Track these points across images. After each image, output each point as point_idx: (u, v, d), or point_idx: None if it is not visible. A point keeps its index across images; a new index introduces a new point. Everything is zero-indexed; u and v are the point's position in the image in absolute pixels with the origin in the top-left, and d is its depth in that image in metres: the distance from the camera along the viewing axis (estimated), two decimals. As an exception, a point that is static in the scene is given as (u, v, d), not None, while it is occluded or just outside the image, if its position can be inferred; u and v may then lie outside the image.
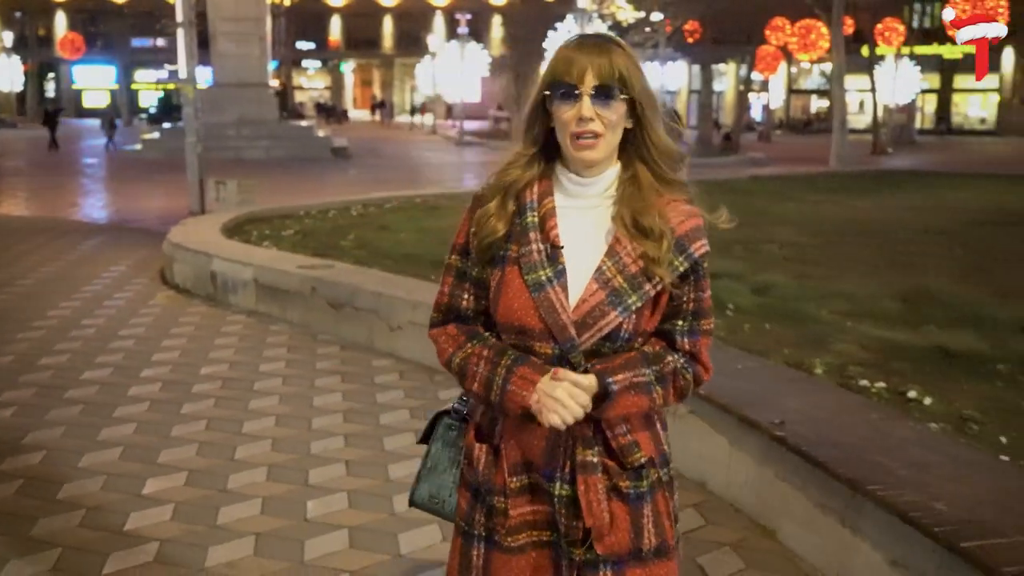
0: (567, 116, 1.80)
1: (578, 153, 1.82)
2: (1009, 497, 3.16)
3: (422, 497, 2.11)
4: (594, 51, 1.80)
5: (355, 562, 3.60)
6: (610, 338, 1.82)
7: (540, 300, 1.80)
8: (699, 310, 1.90)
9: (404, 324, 6.47)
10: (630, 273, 1.81)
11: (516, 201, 1.87)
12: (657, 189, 1.86)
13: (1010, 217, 10.53)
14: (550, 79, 1.82)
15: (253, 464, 4.57)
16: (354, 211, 12.20)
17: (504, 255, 1.85)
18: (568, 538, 1.84)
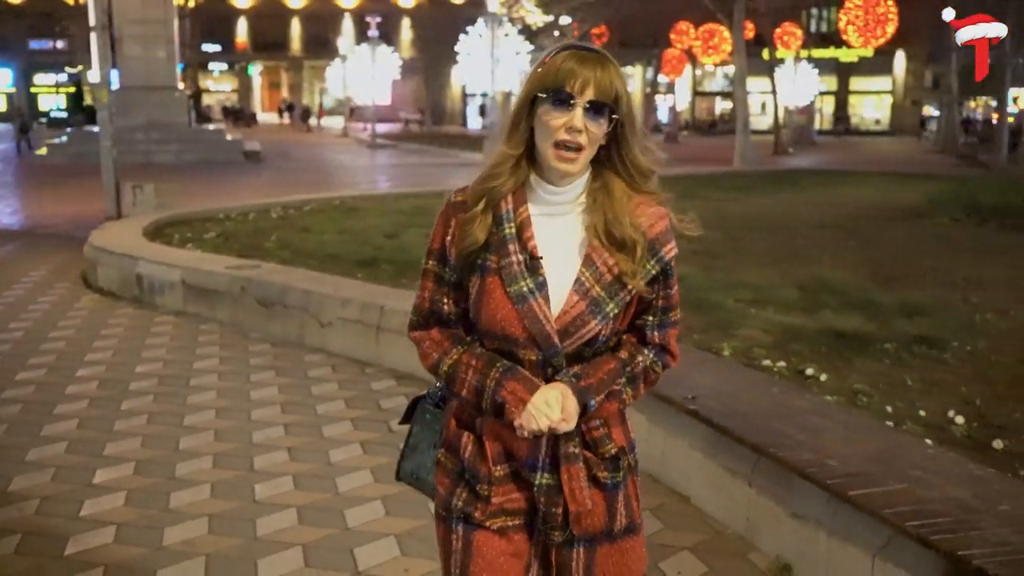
0: (557, 123, 1.81)
1: (559, 165, 1.84)
2: (890, 455, 3.59)
3: (406, 474, 2.20)
4: (596, 65, 1.82)
5: (305, 536, 3.86)
6: (589, 343, 1.89)
7: (524, 311, 1.84)
8: (668, 305, 1.97)
9: (334, 320, 6.71)
10: (606, 282, 1.86)
11: (493, 211, 1.88)
12: (628, 195, 1.90)
13: (898, 212, 11.25)
14: (550, 83, 1.82)
15: (198, 454, 4.78)
16: (274, 213, 12.31)
17: (484, 264, 1.88)
18: (548, 523, 1.93)
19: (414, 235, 9.80)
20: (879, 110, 57.28)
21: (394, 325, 6.29)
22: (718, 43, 36.16)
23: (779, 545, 3.65)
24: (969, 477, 3.36)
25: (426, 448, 2.14)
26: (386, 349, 6.35)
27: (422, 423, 2.16)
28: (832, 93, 55.57)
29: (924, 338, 5.36)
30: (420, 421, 2.17)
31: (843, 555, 3.28)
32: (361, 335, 6.52)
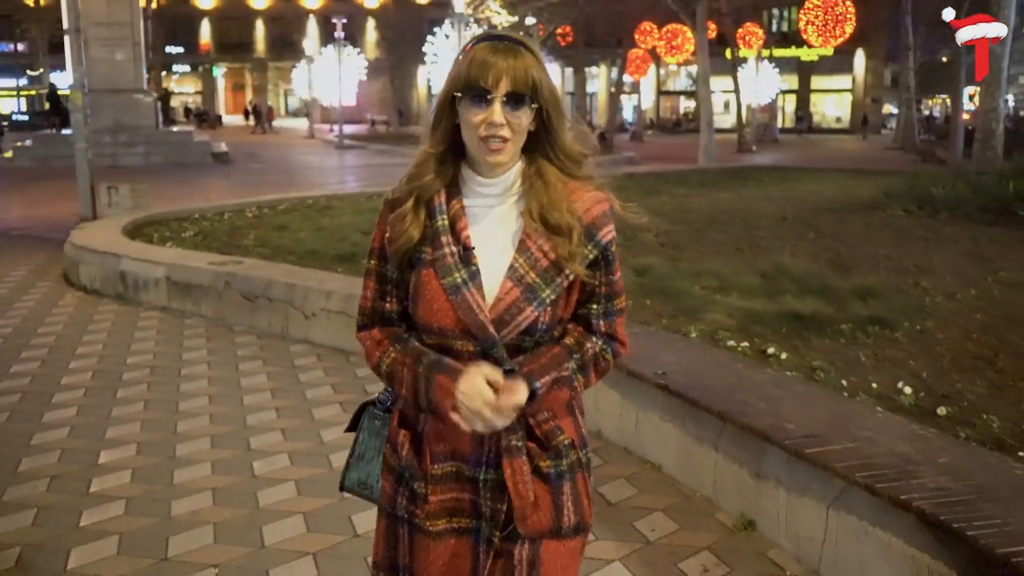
0: (476, 120, 1.80)
1: (486, 157, 1.83)
2: (843, 419, 3.93)
3: (352, 483, 2.16)
4: (509, 55, 1.79)
5: (304, 506, 4.14)
6: (528, 332, 1.85)
7: (458, 302, 1.82)
8: (612, 292, 1.94)
9: (318, 312, 6.98)
10: (542, 268, 1.84)
11: (426, 205, 1.89)
12: (563, 180, 1.89)
13: (855, 205, 11.68)
14: (464, 81, 1.80)
15: (196, 436, 5.04)
16: (249, 213, 12.50)
17: (420, 258, 1.87)
18: (492, 521, 1.89)
19: (390, 231, 10.05)
20: (840, 108, 58.16)
21: (376, 315, 6.56)
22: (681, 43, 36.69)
23: (743, 504, 3.98)
24: (912, 436, 3.72)
25: (374, 455, 2.10)
26: (369, 338, 6.61)
27: (370, 430, 2.12)
28: (794, 91, 56.37)
29: (877, 319, 5.73)
30: (368, 428, 2.13)
31: (800, 508, 3.62)
32: (345, 326, 6.79)
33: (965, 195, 10.75)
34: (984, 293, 6.57)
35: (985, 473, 3.35)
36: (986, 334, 5.48)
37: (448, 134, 1.87)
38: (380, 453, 2.07)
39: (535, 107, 1.82)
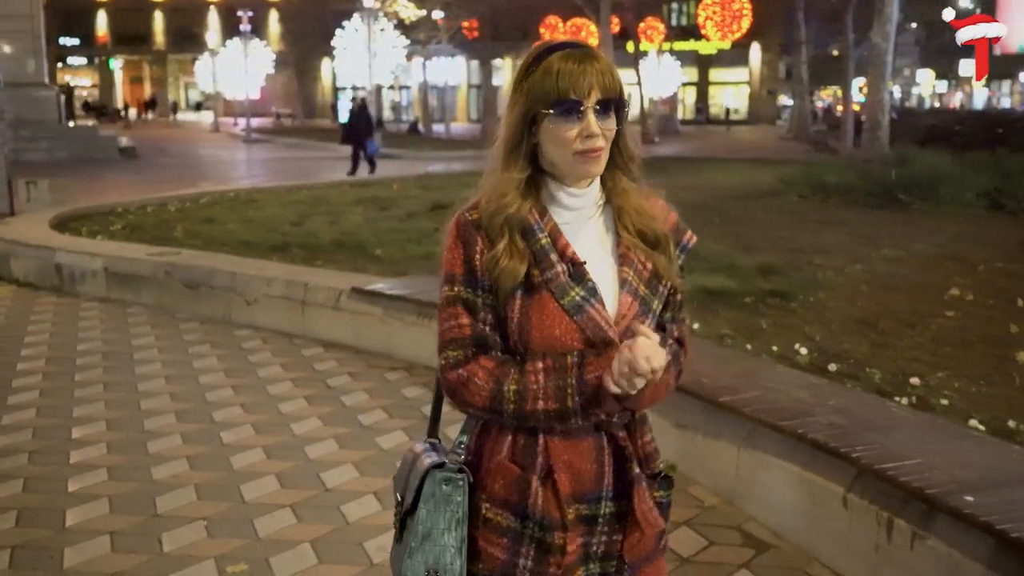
0: (570, 134, 1.73)
1: (585, 169, 1.77)
2: (750, 373, 4.55)
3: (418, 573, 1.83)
4: (592, 62, 1.74)
5: (275, 468, 4.57)
6: None
7: (583, 322, 1.74)
8: (683, 302, 1.92)
9: (260, 298, 7.35)
10: (646, 279, 1.81)
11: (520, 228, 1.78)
12: (637, 190, 1.85)
13: (756, 192, 12.50)
14: (553, 95, 1.73)
15: (161, 412, 5.40)
16: (172, 207, 12.68)
17: (525, 282, 1.76)
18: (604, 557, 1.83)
19: (319, 222, 10.44)
20: (738, 100, 59.96)
21: (318, 299, 7.00)
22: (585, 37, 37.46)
23: (666, 453, 4.54)
24: (808, 385, 4.36)
25: (444, 530, 1.81)
26: (311, 322, 7.04)
27: (436, 498, 1.82)
28: (694, 84, 57.92)
29: (776, 292, 6.41)
30: (434, 497, 1.83)
31: (716, 449, 4.22)
32: (287, 310, 7.19)
33: (854, 182, 11.65)
34: (868, 267, 7.34)
35: (867, 411, 4.00)
36: (869, 302, 6.21)
37: (529, 156, 1.79)
38: (453, 524, 1.81)
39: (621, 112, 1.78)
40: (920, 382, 4.62)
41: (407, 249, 8.68)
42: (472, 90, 57.19)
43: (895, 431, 3.76)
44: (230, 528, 3.93)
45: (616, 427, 1.81)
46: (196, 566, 3.61)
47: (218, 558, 3.66)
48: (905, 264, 7.49)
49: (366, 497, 4.23)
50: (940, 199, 10.38)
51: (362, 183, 15.75)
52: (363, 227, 10.08)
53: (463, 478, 1.82)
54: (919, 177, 10.85)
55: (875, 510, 3.36)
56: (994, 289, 6.50)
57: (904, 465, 3.39)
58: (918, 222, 9.61)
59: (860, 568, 3.47)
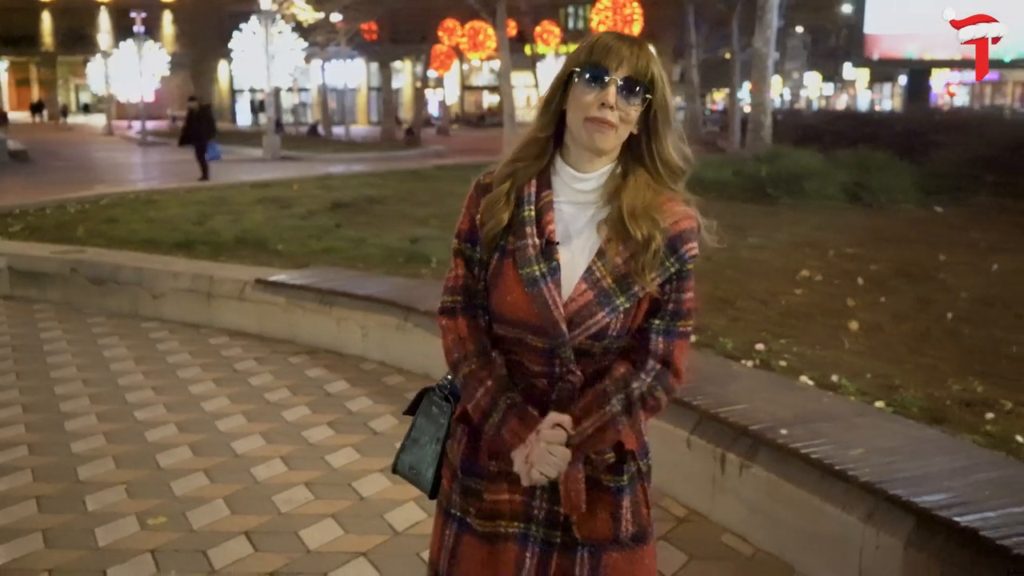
0: (589, 99, 1.78)
1: (591, 136, 1.80)
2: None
3: (403, 467, 2.13)
4: (633, 45, 1.81)
5: (187, 439, 4.97)
6: (597, 336, 1.82)
7: (534, 295, 1.79)
8: (678, 311, 1.89)
9: (167, 292, 7.68)
10: (620, 274, 1.80)
11: (517, 192, 1.87)
12: (654, 189, 1.85)
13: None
14: (584, 60, 1.81)
15: (75, 396, 5.73)
16: (71, 208, 12.73)
17: (503, 245, 1.86)
18: (547, 523, 1.89)
19: (221, 221, 10.72)
20: (634, 102, 61.26)
21: (224, 291, 7.37)
22: (483, 40, 38.05)
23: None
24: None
25: (428, 441, 2.07)
26: (217, 313, 7.41)
27: (427, 415, 2.10)
28: (590, 86, 59.01)
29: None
30: (426, 413, 2.11)
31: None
32: (193, 303, 7.53)
33: (729, 178, 12.49)
34: (734, 255, 8.06)
35: (712, 370, 4.64)
36: (731, 284, 6.90)
37: (556, 118, 1.86)
38: (435, 440, 2.06)
39: (647, 100, 1.81)
40: (764, 348, 5.28)
41: (308, 244, 9.07)
42: (372, 92, 57.27)
43: (732, 384, 4.40)
44: (148, 490, 4.34)
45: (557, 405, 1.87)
46: (119, 521, 4.01)
47: (139, 514, 4.07)
48: (766, 251, 8.25)
49: (273, 461, 4.68)
50: (805, 193, 11.26)
51: (263, 184, 15.95)
52: (264, 225, 10.41)
53: (448, 406, 2.05)
54: (787, 173, 11.74)
55: (712, 448, 3.98)
56: (840, 270, 7.27)
57: (735, 409, 4.02)
58: (783, 214, 10.46)
59: (702, 498, 4.08)
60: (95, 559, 3.68)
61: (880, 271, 7.19)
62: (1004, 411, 4.27)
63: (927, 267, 7.26)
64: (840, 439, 3.65)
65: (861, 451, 3.52)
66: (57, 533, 3.90)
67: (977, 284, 6.68)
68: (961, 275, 6.96)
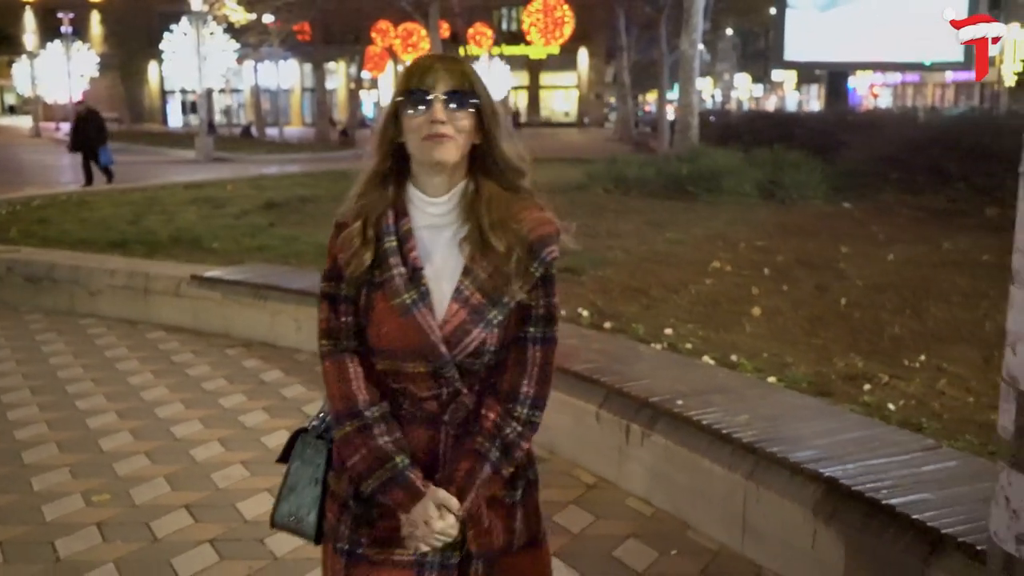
0: (418, 121, 1.82)
1: (430, 152, 1.83)
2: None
3: (282, 517, 2.10)
4: (448, 62, 1.86)
5: (127, 425, 5.22)
6: (477, 354, 1.85)
7: (408, 323, 1.82)
8: (549, 315, 1.92)
9: (103, 288, 7.86)
10: (488, 289, 1.83)
11: (375, 226, 1.88)
12: (508, 199, 1.88)
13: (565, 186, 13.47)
14: (403, 86, 1.85)
15: (16, 388, 5.93)
16: (2, 210, 12.70)
17: (370, 280, 1.87)
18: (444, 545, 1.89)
19: (155, 221, 10.87)
20: (567, 103, 62.04)
21: (160, 288, 7.59)
22: (416, 41, 38.27)
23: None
24: (579, 334, 5.37)
25: (306, 484, 2.05)
26: (154, 308, 7.62)
27: (303, 459, 2.08)
28: (525, 88, 59.60)
29: (569, 268, 7.39)
30: (300, 457, 2.08)
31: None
32: (129, 299, 7.73)
33: (651, 176, 12.98)
34: (652, 248, 8.50)
35: (621, 352, 5.04)
36: (646, 275, 7.31)
37: (393, 150, 1.90)
38: (313, 482, 2.05)
39: (475, 106, 1.85)
40: (673, 332, 5.69)
41: (242, 242, 9.28)
42: (306, 93, 57.04)
43: (638, 364, 4.80)
44: (92, 471, 4.59)
45: (450, 424, 1.90)
46: (64, 499, 4.26)
47: (84, 492, 4.33)
48: (682, 245, 8.70)
49: (211, 443, 4.96)
50: (723, 190, 11.78)
51: (197, 184, 16.03)
52: (198, 224, 10.58)
53: (324, 444, 2.04)
54: (706, 171, 12.26)
55: (618, 420, 4.37)
56: (748, 261, 7.74)
57: (639, 384, 4.41)
58: (700, 210, 10.94)
59: (609, 466, 4.46)
60: (43, 532, 3.93)
61: (785, 262, 7.67)
62: (881, 384, 4.72)
63: (829, 258, 7.77)
64: (729, 408, 4.06)
65: (746, 417, 3.93)
66: (5, 512, 4.14)
67: (872, 273, 7.19)
68: (859, 265, 7.48)
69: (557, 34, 31.15)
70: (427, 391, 1.87)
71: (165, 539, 3.87)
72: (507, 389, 1.89)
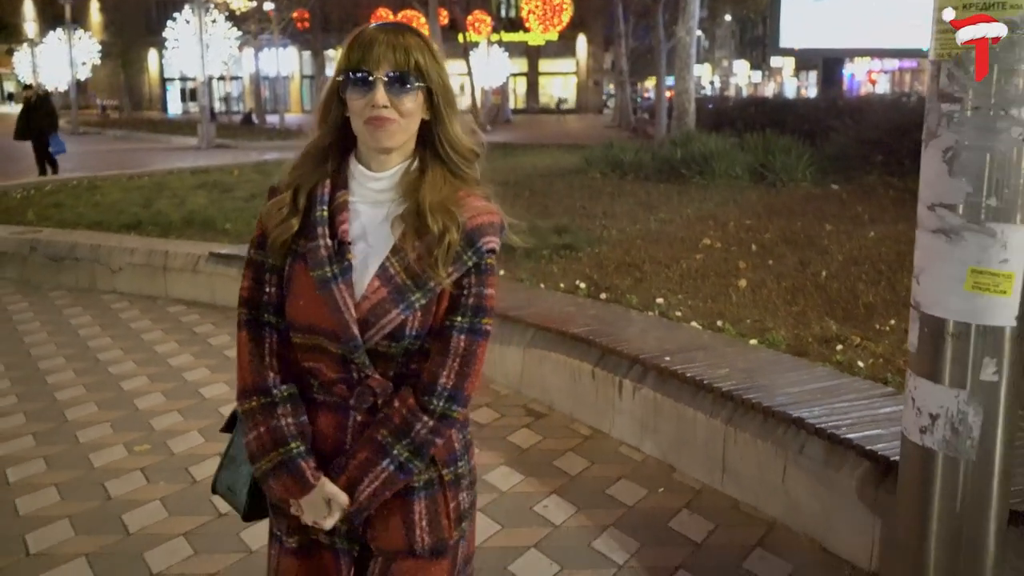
0: (361, 103, 1.74)
1: (372, 136, 1.76)
2: (534, 299, 5.93)
3: (221, 486, 2.06)
4: (393, 37, 1.75)
5: (156, 388, 5.65)
6: (394, 337, 1.76)
7: (325, 298, 1.75)
8: (480, 305, 1.80)
9: (124, 266, 8.28)
10: (415, 271, 1.75)
11: (308, 196, 1.81)
12: (452, 184, 1.81)
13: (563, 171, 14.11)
14: (344, 65, 1.76)
15: (51, 356, 6.36)
16: (16, 194, 13.11)
17: (295, 249, 1.80)
18: (348, 536, 1.87)
19: (166, 204, 11.28)
20: (566, 90, 62.32)
21: (177, 265, 8.01)
22: (416, 29, 38.59)
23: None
24: (575, 303, 5.80)
25: (244, 460, 1.96)
26: (172, 284, 8.04)
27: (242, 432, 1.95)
28: (524, 74, 59.89)
29: (567, 246, 7.85)
30: (240, 431, 1.98)
31: (506, 352, 5.56)
32: (149, 275, 8.15)
33: (646, 160, 13.40)
34: (645, 227, 8.91)
35: (614, 318, 5.46)
36: (639, 252, 7.73)
37: (337, 126, 1.83)
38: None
39: (421, 87, 1.76)
40: (663, 302, 6.10)
41: (253, 224, 9.59)
42: (305, 80, 57.38)
43: (629, 327, 5.23)
44: (130, 425, 5.02)
45: (357, 408, 1.82)
46: (108, 449, 4.69)
47: (125, 443, 4.76)
48: (674, 224, 9.11)
49: (237, 402, 5.38)
50: (714, 173, 12.19)
51: (202, 170, 16.43)
52: (209, 207, 10.98)
53: None
54: (698, 155, 12.66)
55: (611, 376, 4.79)
56: (737, 239, 8.15)
57: (629, 343, 4.85)
58: (692, 192, 11.35)
59: (604, 420, 4.89)
60: (93, 476, 4.37)
61: (771, 239, 8.09)
62: (853, 345, 5.14)
63: (813, 235, 8.18)
64: (711, 363, 4.49)
65: (726, 371, 4.37)
66: (56, 460, 4.58)
67: (853, 248, 7.60)
68: (840, 242, 7.89)
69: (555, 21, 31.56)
70: (336, 373, 1.81)
71: (202, 481, 4.29)
72: (425, 380, 1.80)
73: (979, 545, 2.07)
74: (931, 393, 2.09)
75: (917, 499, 2.12)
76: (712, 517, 3.93)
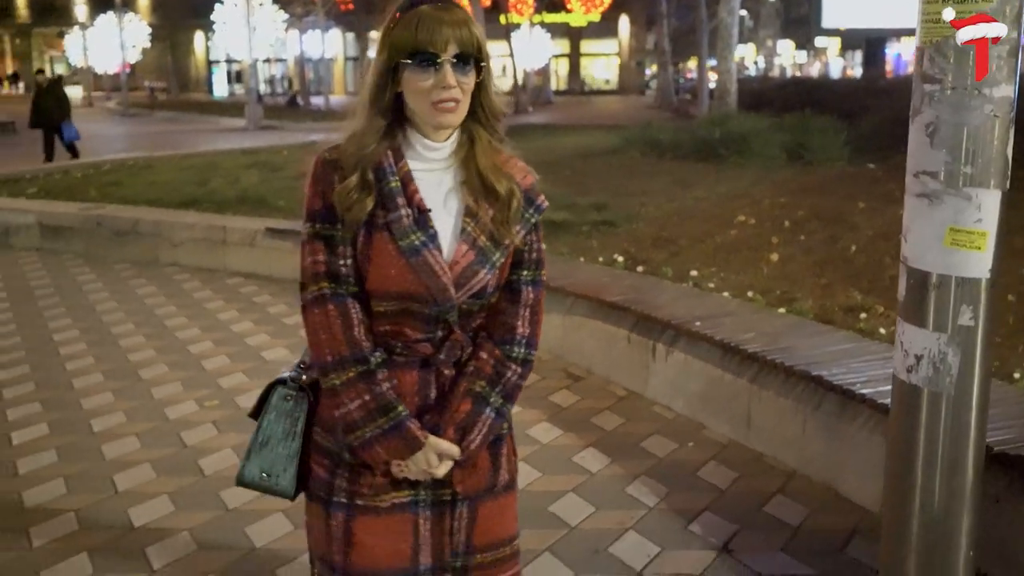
0: (427, 84, 1.79)
1: (441, 118, 1.83)
2: (572, 270, 6.27)
3: (252, 475, 2.05)
4: (453, 18, 1.81)
5: (220, 351, 6.07)
6: (478, 295, 1.87)
7: (418, 264, 1.81)
8: (540, 259, 1.96)
9: (184, 240, 8.74)
10: (490, 232, 1.86)
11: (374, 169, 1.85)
12: (495, 148, 1.91)
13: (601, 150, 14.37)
14: (411, 47, 1.79)
15: (120, 323, 6.82)
16: (77, 173, 13.67)
17: (370, 220, 1.84)
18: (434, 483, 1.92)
19: (219, 183, 11.74)
20: (608, 71, 62.20)
21: (235, 239, 8.44)
22: (457, 10, 38.80)
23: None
24: (611, 274, 6.14)
25: (281, 439, 2.00)
26: (230, 258, 8.48)
27: (278, 411, 2.03)
28: (566, 55, 59.89)
29: (605, 222, 8.17)
30: (276, 409, 2.04)
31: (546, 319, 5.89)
32: (208, 249, 8.60)
33: (683, 139, 13.65)
34: (681, 205, 9.20)
35: (648, 287, 5.78)
36: (674, 227, 8.03)
37: (392, 104, 1.86)
38: (290, 436, 2.01)
39: (481, 67, 1.85)
40: (697, 274, 6.40)
41: (305, 201, 10.07)
42: (349, 62, 57.87)
43: (662, 295, 5.55)
44: (199, 383, 5.45)
45: (444, 364, 1.92)
46: (180, 404, 5.12)
47: (196, 399, 5.19)
48: (708, 201, 9.39)
49: (296, 364, 5.79)
50: (751, 152, 12.38)
51: (252, 151, 16.90)
52: (261, 185, 11.41)
53: (303, 396, 2.02)
54: (735, 135, 12.88)
55: (645, 340, 5.13)
56: (770, 216, 8.41)
57: (662, 309, 5.17)
58: (728, 171, 11.59)
59: (638, 381, 5.22)
60: (167, 427, 4.79)
61: (804, 216, 8.33)
62: (877, 314, 5.42)
63: (844, 212, 8.41)
64: (738, 327, 4.80)
65: (752, 334, 4.67)
66: (133, 413, 5.01)
67: (882, 224, 7.82)
68: (871, 218, 8.11)
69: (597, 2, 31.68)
70: (422, 333, 1.88)
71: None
72: (503, 331, 1.93)
73: (959, 467, 2.39)
74: (916, 337, 2.40)
75: (905, 429, 2.44)
76: (737, 468, 4.26)
